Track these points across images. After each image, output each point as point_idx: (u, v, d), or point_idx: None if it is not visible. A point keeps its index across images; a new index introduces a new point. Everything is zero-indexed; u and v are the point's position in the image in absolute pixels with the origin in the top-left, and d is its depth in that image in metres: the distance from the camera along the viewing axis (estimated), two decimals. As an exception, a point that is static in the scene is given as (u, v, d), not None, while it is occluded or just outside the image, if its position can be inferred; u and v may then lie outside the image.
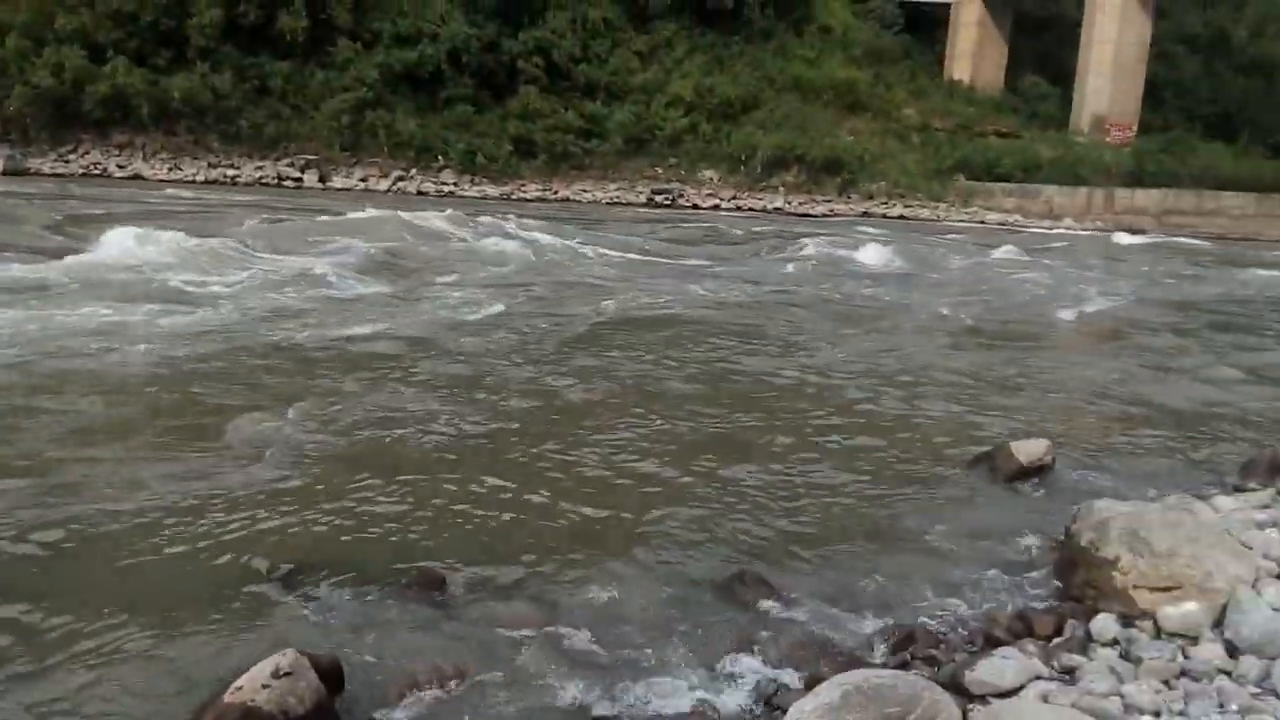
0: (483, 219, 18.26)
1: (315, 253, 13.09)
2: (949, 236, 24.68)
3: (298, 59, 32.18)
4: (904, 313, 11.58)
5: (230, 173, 29.89)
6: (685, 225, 23.92)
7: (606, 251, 16.28)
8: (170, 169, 29.59)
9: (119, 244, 12.04)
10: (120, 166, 29.30)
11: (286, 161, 30.87)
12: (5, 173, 27.01)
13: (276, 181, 29.81)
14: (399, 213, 17.29)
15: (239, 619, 3.51)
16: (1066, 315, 12.24)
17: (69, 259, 11.16)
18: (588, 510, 4.64)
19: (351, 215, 16.68)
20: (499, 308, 10.17)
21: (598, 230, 20.08)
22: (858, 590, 3.93)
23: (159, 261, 11.49)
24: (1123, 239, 28.00)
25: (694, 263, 15.78)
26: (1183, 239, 29.38)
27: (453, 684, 3.19)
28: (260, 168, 30.42)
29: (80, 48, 29.73)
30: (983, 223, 32.00)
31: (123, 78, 29.74)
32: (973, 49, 41.53)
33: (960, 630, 3.57)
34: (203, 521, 4.30)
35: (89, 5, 30.28)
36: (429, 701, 3.09)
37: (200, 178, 29.15)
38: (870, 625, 3.60)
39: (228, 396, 6.26)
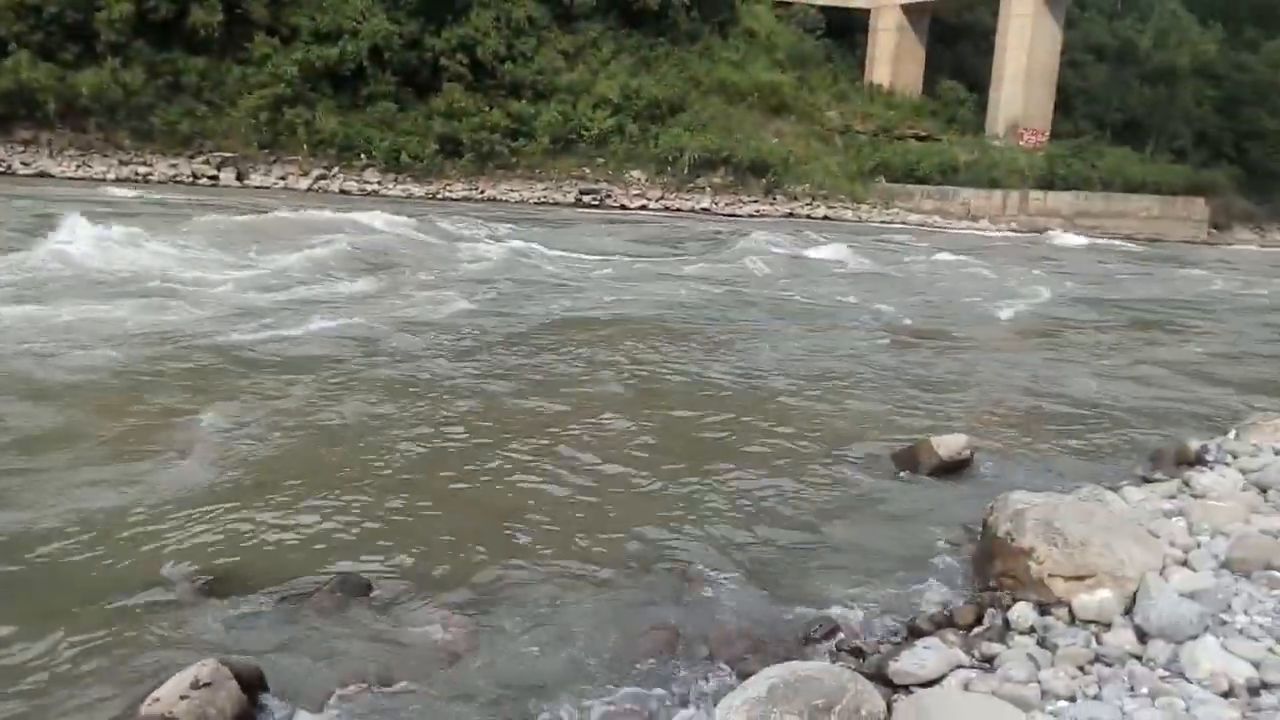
0: (445, 223, 18.28)
1: (280, 251, 12.94)
2: (895, 239, 25.39)
3: (213, 55, 31.39)
4: (845, 312, 11.80)
5: (142, 170, 29.00)
6: (645, 226, 24.25)
7: (564, 253, 16.39)
8: (79, 166, 28.58)
9: (78, 243, 11.78)
10: (25, 164, 28.20)
11: (202, 159, 30.06)
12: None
13: (192, 180, 29.00)
14: (356, 214, 17.18)
15: (158, 629, 3.40)
16: (1002, 314, 12.60)
17: (23, 256, 10.89)
18: (518, 514, 4.60)
19: (312, 214, 16.62)
20: (459, 307, 10.17)
21: (559, 231, 20.24)
22: (784, 585, 3.97)
23: (120, 260, 11.30)
24: (1059, 240, 29.16)
25: (645, 265, 15.90)
26: (1116, 241, 30.76)
27: (378, 692, 3.13)
28: (174, 165, 29.57)
29: (-19, 41, 28.58)
30: (904, 224, 32.81)
31: (27, 72, 28.64)
32: (892, 54, 42.52)
33: (885, 622, 3.63)
34: (123, 528, 4.16)
35: (-10, -3, 29.10)
36: (353, 710, 3.03)
37: (111, 175, 28.20)
38: (797, 619, 3.64)
39: (166, 399, 6.09)
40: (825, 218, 32.66)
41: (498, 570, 3.99)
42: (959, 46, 44.98)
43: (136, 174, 28.63)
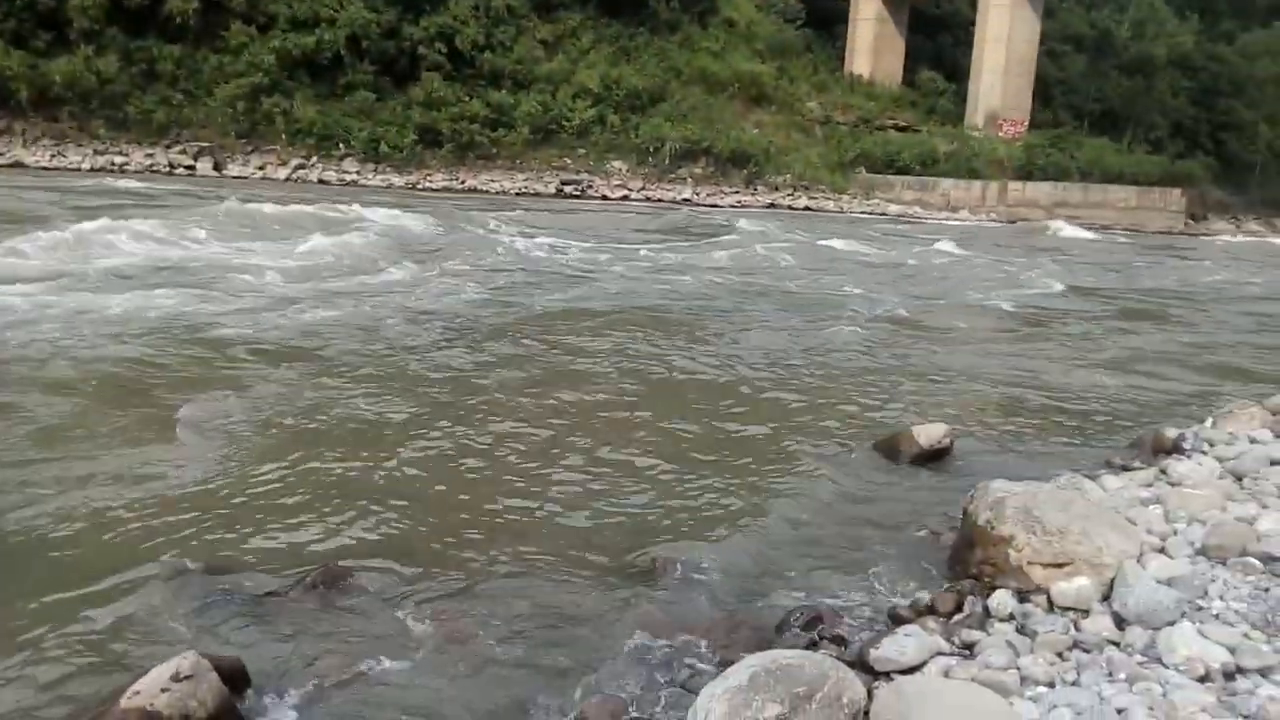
0: (462, 214, 18.88)
1: (307, 241, 13.26)
2: (899, 230, 25.76)
3: (189, 43, 30.96)
4: (845, 301, 11.90)
5: (118, 160, 28.58)
6: (664, 216, 24.63)
7: (570, 241, 16.66)
8: (53, 156, 28.15)
9: (117, 233, 12.12)
10: (-2, 153, 27.78)
11: (178, 149, 29.69)
12: None
13: (169, 170, 28.64)
14: (356, 205, 17.46)
15: (138, 621, 3.39)
16: (998, 305, 12.71)
17: (39, 248, 11.03)
18: (501, 503, 4.60)
19: (337, 208, 17.03)
20: (470, 297, 10.34)
21: (572, 219, 20.79)
22: (767, 573, 3.99)
23: (153, 250, 11.71)
24: (1065, 233, 29.34)
25: (650, 253, 16.09)
26: (1117, 234, 31.13)
27: (358, 682, 3.13)
28: (150, 155, 29.16)
29: (-50, 28, 28.10)
30: (884, 214, 32.87)
31: (-1, 60, 28.21)
32: (872, 44, 42.50)
33: (866, 609, 3.66)
34: (108, 520, 4.15)
35: (-41, -18, 28.61)
36: (333, 700, 3.03)
37: (86, 165, 27.82)
38: (780, 607, 3.66)
39: (169, 390, 6.13)
40: (806, 208, 32.64)
41: (480, 561, 3.99)
42: (938, 37, 45.09)
43: (112, 164, 28.24)
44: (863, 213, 32.73)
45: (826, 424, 6.21)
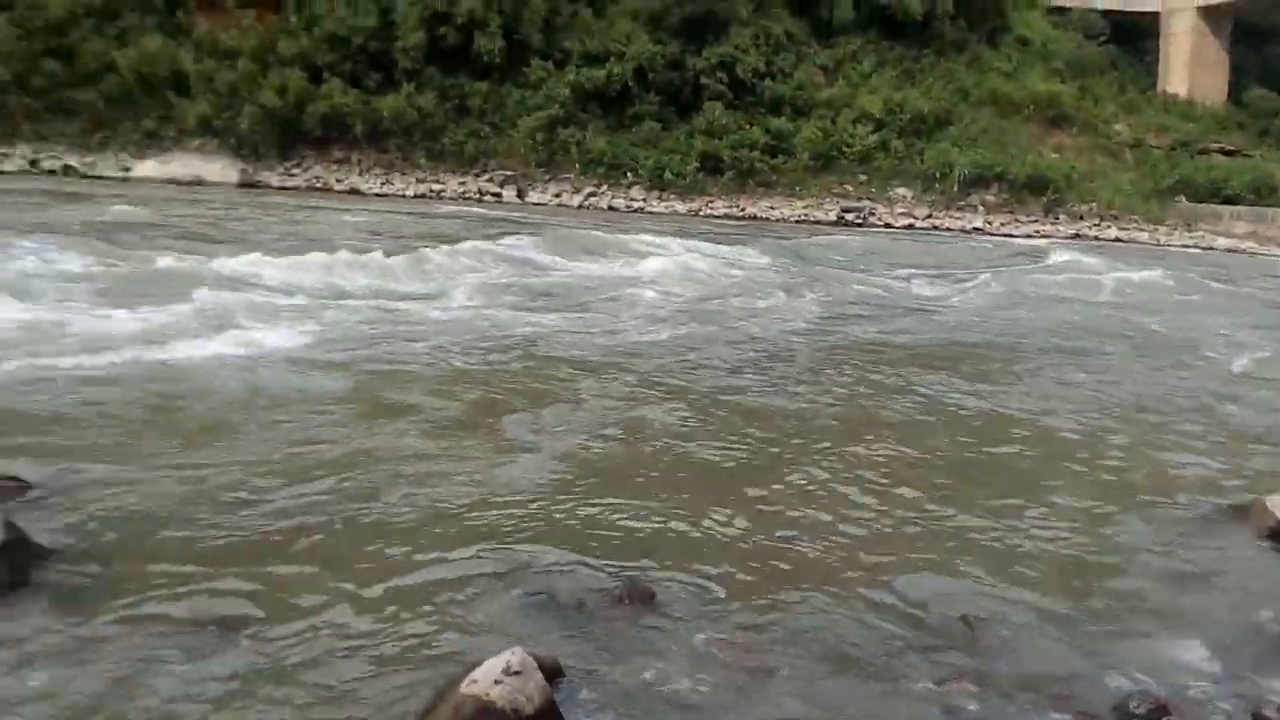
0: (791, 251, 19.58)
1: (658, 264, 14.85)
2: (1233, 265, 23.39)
3: (494, 79, 33.71)
4: (1204, 345, 10.96)
5: (436, 187, 31.63)
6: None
7: (904, 271, 17.14)
8: (383, 183, 31.61)
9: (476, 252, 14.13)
10: (339, 180, 31.55)
11: (487, 177, 32.35)
12: (240, 185, 29.80)
13: (479, 196, 31.26)
14: (703, 241, 18.70)
15: (462, 614, 3.63)
16: None
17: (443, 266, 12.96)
18: (809, 542, 4.53)
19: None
20: (796, 325, 10.73)
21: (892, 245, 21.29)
22: (1093, 646, 3.65)
23: (533, 272, 13.63)
24: None
25: (988, 285, 15.91)
26: None
27: (664, 696, 3.18)
28: (463, 183, 32.03)
29: (300, 70, 32.23)
30: (1210, 248, 29.60)
31: (339, 98, 32.00)
32: (1188, 60, 38.75)
33: (1219, 704, 3.24)
34: (447, 516, 4.52)
35: (307, 30, 32.80)
36: (642, 713, 3.07)
37: (409, 192, 30.98)
38: (1118, 690, 3.33)
39: (509, 397, 6.77)
40: (1116, 239, 30.08)
41: (785, 598, 3.94)
42: (1266, 49, 40.34)
43: (431, 190, 31.30)
44: (1184, 246, 29.66)
45: (1165, 485, 5.59)
